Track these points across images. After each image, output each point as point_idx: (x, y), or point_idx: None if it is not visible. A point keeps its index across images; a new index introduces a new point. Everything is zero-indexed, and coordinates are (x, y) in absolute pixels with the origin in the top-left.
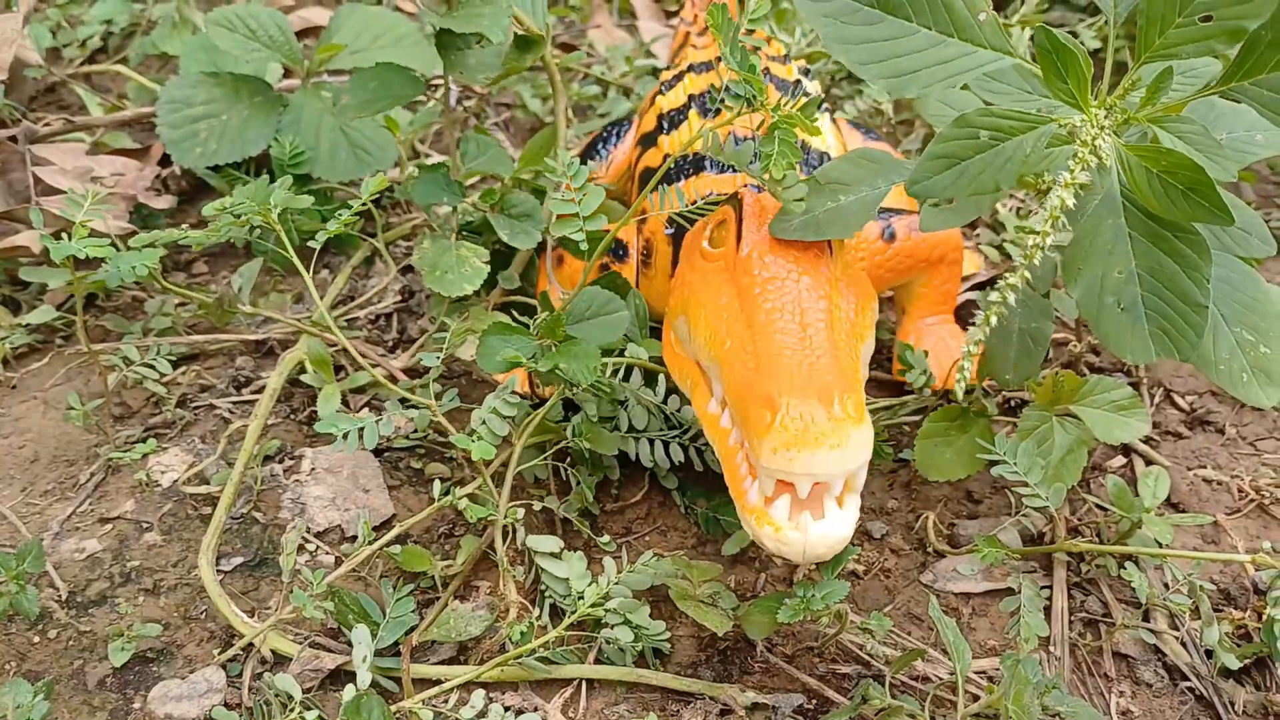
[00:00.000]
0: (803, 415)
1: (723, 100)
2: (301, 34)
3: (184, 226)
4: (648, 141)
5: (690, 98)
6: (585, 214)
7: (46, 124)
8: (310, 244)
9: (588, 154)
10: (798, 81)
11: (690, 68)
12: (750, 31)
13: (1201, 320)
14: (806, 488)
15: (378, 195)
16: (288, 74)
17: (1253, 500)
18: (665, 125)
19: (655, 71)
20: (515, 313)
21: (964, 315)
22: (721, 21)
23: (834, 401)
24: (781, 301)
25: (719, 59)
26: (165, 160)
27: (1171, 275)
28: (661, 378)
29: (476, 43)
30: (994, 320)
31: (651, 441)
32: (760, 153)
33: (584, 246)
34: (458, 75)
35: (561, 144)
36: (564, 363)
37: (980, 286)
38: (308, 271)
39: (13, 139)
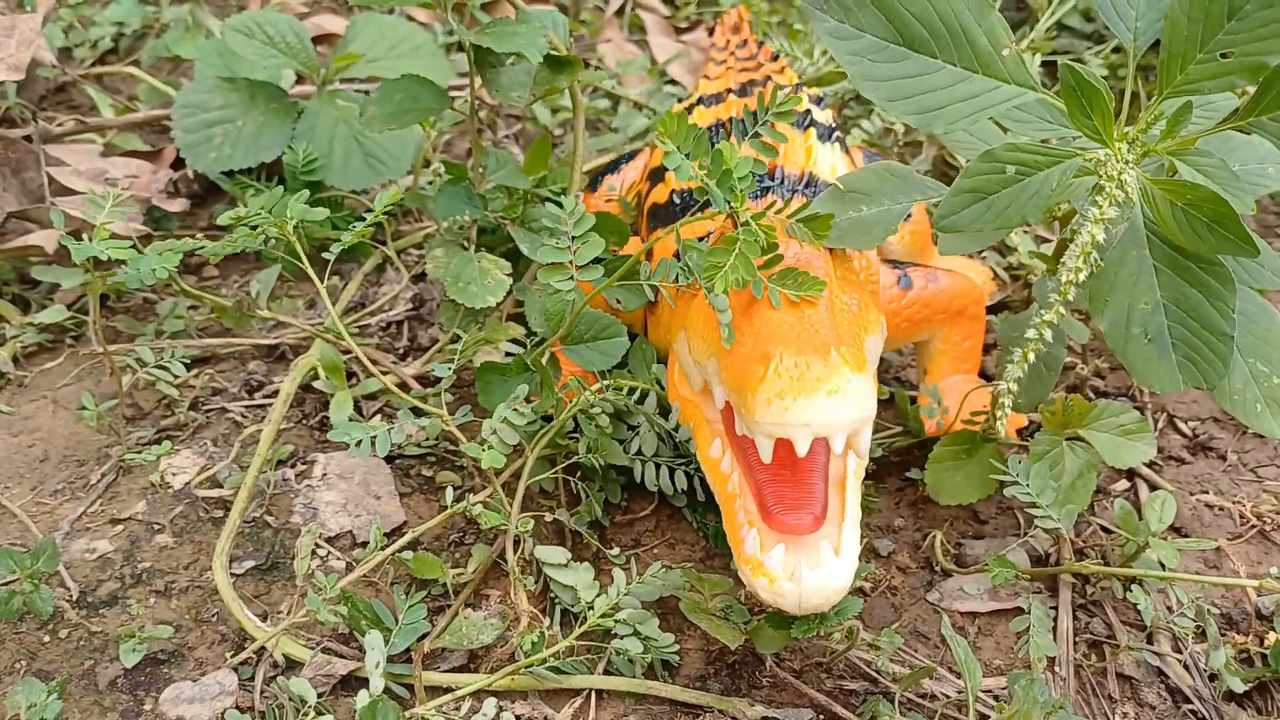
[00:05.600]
0: (798, 364)
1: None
2: (315, 41)
3: (198, 235)
4: (656, 176)
5: None
6: (580, 263)
7: (59, 124)
8: (325, 255)
9: (608, 169)
10: (808, 111)
11: (700, 100)
12: (775, 56)
13: (1227, 350)
14: (805, 443)
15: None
16: (299, 80)
17: (1254, 526)
18: None
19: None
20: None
21: None
22: (676, 129)
23: (831, 351)
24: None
25: (729, 91)
26: (177, 163)
27: (1196, 305)
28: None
29: (509, 61)
30: (1031, 357)
31: (658, 466)
32: (705, 261)
33: (570, 298)
34: (494, 93)
35: (580, 163)
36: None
37: (991, 309)
38: (322, 282)
39: (27, 139)
